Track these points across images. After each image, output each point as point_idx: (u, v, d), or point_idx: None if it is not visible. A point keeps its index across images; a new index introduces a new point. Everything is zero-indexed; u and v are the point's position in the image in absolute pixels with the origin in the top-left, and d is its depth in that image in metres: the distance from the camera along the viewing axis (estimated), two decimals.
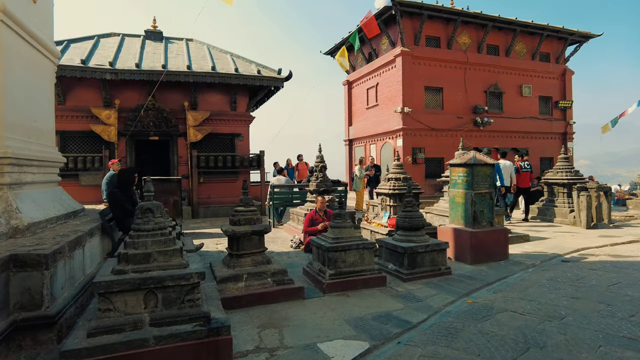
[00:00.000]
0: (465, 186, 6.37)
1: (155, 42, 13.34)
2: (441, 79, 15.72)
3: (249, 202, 4.89)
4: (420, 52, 15.23)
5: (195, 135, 12.17)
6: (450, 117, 15.84)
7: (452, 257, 6.43)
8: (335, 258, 4.90)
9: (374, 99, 17.39)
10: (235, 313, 4.17)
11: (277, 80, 12.29)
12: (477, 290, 4.92)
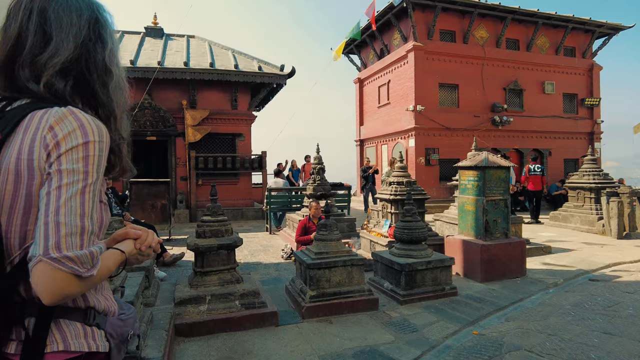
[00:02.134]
0: (476, 192, 5.56)
1: (154, 39, 12.89)
2: (456, 75, 14.80)
3: (217, 210, 4.22)
4: (434, 47, 14.36)
5: (194, 135, 11.63)
6: (467, 116, 14.90)
7: (460, 272, 5.63)
8: (318, 277, 4.19)
9: (385, 97, 16.59)
10: (192, 343, 3.51)
11: (279, 76, 11.65)
12: (486, 316, 4.13)
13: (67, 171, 0.83)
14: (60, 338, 0.88)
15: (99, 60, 1.00)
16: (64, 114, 0.87)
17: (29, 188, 0.84)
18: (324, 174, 8.00)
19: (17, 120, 0.87)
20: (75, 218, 0.82)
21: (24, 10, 0.94)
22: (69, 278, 0.80)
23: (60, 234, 0.79)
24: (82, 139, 0.86)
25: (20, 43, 0.93)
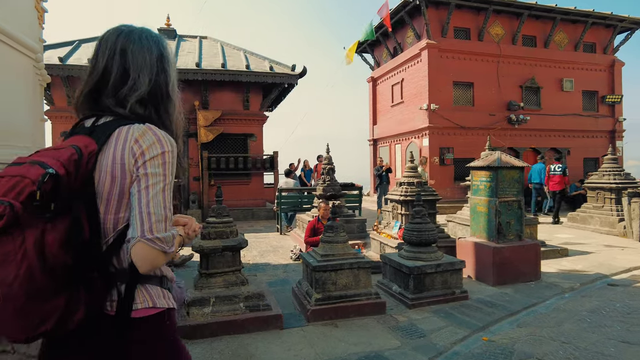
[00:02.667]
0: (489, 193, 5.41)
1: (168, 40, 12.96)
2: (471, 73, 14.53)
3: (222, 211, 4.20)
4: (448, 45, 14.13)
5: (206, 136, 11.70)
6: (482, 115, 14.62)
7: (472, 275, 5.49)
8: (324, 279, 4.12)
9: (399, 95, 16.42)
10: (195, 346, 3.49)
11: (291, 76, 11.62)
12: (497, 322, 4.00)
13: (151, 174, 1.09)
14: (149, 297, 1.15)
15: (164, 91, 1.24)
16: (144, 130, 1.13)
17: (122, 186, 1.10)
18: (334, 174, 7.93)
19: (109, 134, 1.11)
20: (160, 209, 1.09)
21: (109, 50, 1.19)
22: (158, 253, 1.08)
23: (151, 221, 1.06)
24: (160, 150, 1.11)
25: (105, 77, 1.18)
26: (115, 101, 1.18)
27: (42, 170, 0.97)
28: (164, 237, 1.07)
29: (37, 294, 0.95)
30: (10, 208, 0.91)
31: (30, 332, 0.97)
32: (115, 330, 1.10)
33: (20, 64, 5.38)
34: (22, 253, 0.93)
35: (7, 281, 0.91)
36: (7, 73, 5.01)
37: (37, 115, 6.25)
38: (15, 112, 5.23)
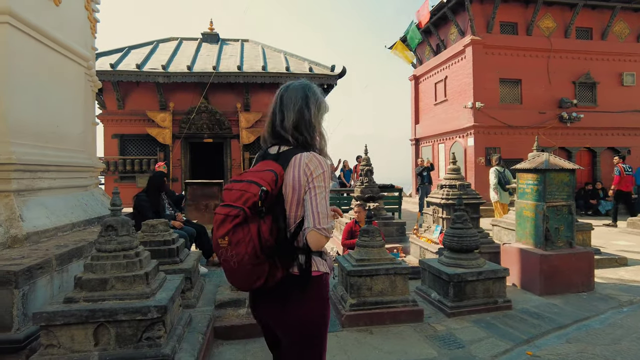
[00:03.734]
0: (536, 197, 5.12)
1: (210, 45, 13.39)
2: (519, 69, 13.87)
3: None
4: (494, 41, 13.56)
5: (248, 137, 11.93)
6: (531, 113, 13.92)
7: (517, 284, 5.21)
8: (359, 284, 4.06)
9: (442, 94, 15.98)
10: (230, 346, 3.54)
11: (330, 77, 11.61)
12: (543, 335, 3.76)
13: (317, 187, 1.59)
14: (317, 265, 1.67)
15: (309, 123, 1.72)
16: (311, 157, 1.63)
17: (299, 195, 1.61)
18: (373, 175, 7.81)
19: (289, 159, 1.63)
20: (324, 209, 1.59)
21: (275, 99, 1.77)
22: (323, 237, 1.58)
23: (320, 217, 1.57)
24: (321, 170, 1.62)
25: (274, 117, 1.74)
26: (283, 132, 1.70)
27: (258, 189, 1.51)
28: (327, 227, 1.58)
29: (256, 263, 1.51)
30: (243, 211, 1.49)
31: (251, 285, 1.57)
32: (300, 284, 1.62)
33: (73, 71, 5.72)
34: (249, 238, 1.49)
35: (241, 255, 1.50)
36: (61, 80, 5.35)
37: (89, 119, 6.63)
38: (69, 117, 5.56)
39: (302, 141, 1.69)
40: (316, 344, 1.70)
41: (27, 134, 4.51)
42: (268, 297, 1.67)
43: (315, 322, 1.67)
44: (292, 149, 1.66)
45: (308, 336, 1.67)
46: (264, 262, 1.52)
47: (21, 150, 4.31)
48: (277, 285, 1.59)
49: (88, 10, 6.44)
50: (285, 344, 1.70)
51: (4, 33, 4.20)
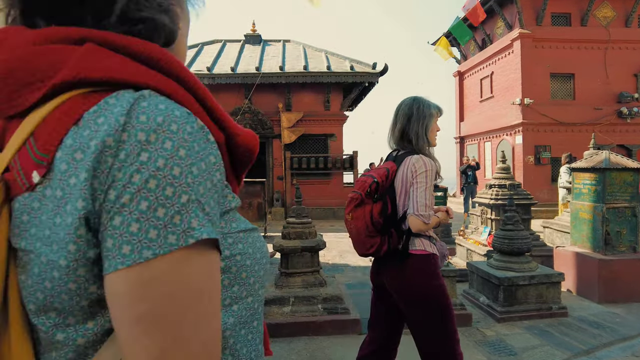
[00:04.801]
0: (594, 198, 4.80)
1: (253, 46, 13.64)
2: (572, 63, 13.12)
3: (301, 212, 4.25)
4: (544, 33, 12.90)
5: (289, 137, 12.05)
6: (585, 109, 13.13)
7: (572, 290, 4.92)
8: None
9: (488, 90, 15.43)
10: (274, 344, 3.57)
11: (371, 75, 11.49)
12: (605, 347, 3.52)
13: (419, 182, 1.96)
14: (422, 245, 2.01)
15: (420, 133, 2.09)
16: (418, 158, 2.01)
17: (406, 187, 2.01)
18: None
19: (402, 161, 2.05)
20: (422, 199, 1.94)
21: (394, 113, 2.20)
22: (422, 222, 1.93)
23: (418, 205, 1.93)
24: (424, 169, 1.98)
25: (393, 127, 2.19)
26: (398, 141, 2.16)
27: (372, 180, 2.02)
28: (424, 214, 1.92)
29: (369, 235, 2.00)
30: (360, 195, 2.01)
31: (365, 251, 2.05)
32: (403, 259, 2.00)
33: None
34: (364, 215, 2.00)
35: (358, 228, 2.02)
36: None
37: None
38: None
39: (411, 147, 2.09)
40: (426, 314, 1.99)
41: None
42: (386, 266, 2.09)
43: (420, 293, 1.99)
44: (406, 152, 2.09)
45: (413, 303, 2.01)
46: (375, 235, 1.99)
47: None
48: (390, 257, 2.02)
49: None
50: (401, 309, 2.10)
51: None
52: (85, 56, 0.47)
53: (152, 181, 0.43)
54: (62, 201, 0.44)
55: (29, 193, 0.45)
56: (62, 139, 0.45)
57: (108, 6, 0.50)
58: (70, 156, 0.44)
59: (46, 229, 0.44)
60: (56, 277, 0.44)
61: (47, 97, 0.47)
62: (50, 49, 0.48)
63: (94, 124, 0.44)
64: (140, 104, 0.45)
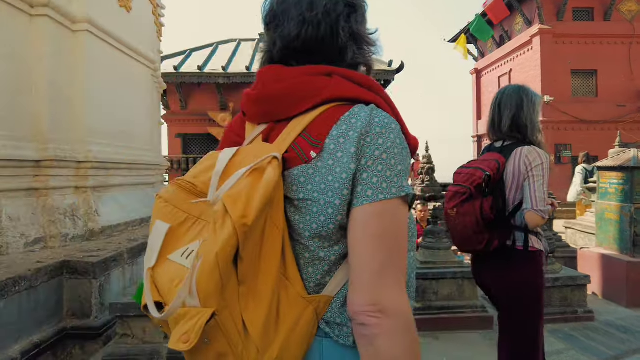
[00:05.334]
0: (621, 198, 4.63)
1: None
2: (594, 59, 12.77)
3: None
4: (565, 29, 12.59)
5: None
6: (607, 106, 12.78)
7: (598, 293, 4.75)
8: (424, 288, 3.88)
9: None
10: None
11: (387, 73, 11.35)
12: (634, 353, 3.37)
13: (535, 175, 1.90)
14: (533, 242, 1.95)
15: (523, 123, 2.02)
16: (531, 150, 1.95)
17: (518, 181, 1.94)
18: (434, 174, 7.50)
19: (511, 152, 1.97)
20: (541, 194, 1.88)
21: (492, 103, 2.14)
22: (540, 218, 1.88)
23: (537, 200, 1.86)
24: (540, 161, 1.91)
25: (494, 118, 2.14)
26: (503, 132, 2.06)
27: (483, 173, 1.90)
28: (543, 209, 1.87)
29: (477, 231, 1.92)
30: (469, 190, 1.92)
31: (473, 248, 2.00)
32: (514, 255, 1.95)
33: (141, 73, 6.02)
34: (474, 210, 1.90)
35: (467, 224, 1.94)
36: (131, 82, 5.64)
37: (155, 119, 6.95)
38: (138, 117, 5.86)
39: (521, 138, 2.02)
40: (527, 312, 1.97)
41: (101, 133, 4.79)
42: (489, 264, 2.04)
43: (526, 290, 1.96)
44: (514, 143, 2.01)
45: (518, 301, 1.96)
46: (484, 231, 1.92)
47: (97, 149, 4.58)
48: (497, 254, 1.96)
49: (155, 16, 6.75)
50: (502, 307, 2.07)
51: (84, 40, 4.49)
52: (336, 84, 0.77)
53: (384, 155, 0.71)
54: (333, 167, 0.71)
55: (305, 165, 0.72)
56: (329, 131, 0.73)
57: (341, 58, 0.82)
58: (335, 141, 0.72)
59: (322, 184, 0.71)
60: (330, 213, 0.71)
61: (310, 108, 0.75)
62: (313, 79, 0.77)
63: (348, 122, 0.73)
64: (373, 112, 0.74)
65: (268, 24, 0.85)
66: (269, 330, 0.66)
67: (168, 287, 0.65)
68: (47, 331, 3.11)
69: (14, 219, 3.61)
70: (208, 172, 0.73)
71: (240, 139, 0.84)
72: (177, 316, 0.62)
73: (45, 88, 4.04)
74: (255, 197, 0.64)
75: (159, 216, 0.72)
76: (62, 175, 4.19)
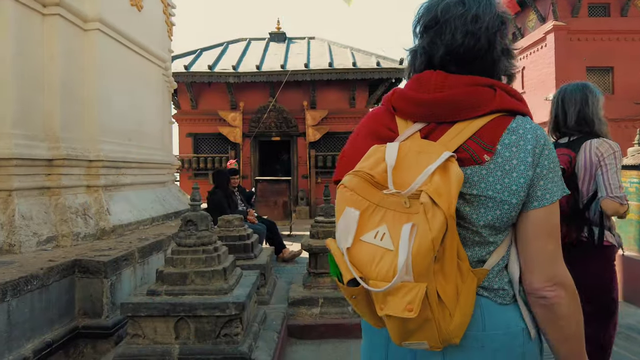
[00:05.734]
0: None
1: (278, 44, 13.59)
2: (611, 55, 12.50)
3: (330, 211, 4.13)
4: (580, 25, 12.34)
5: (314, 135, 11.95)
6: (624, 104, 12.48)
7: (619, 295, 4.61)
8: None
9: (519, 86, 14.89)
10: (303, 346, 3.47)
11: (398, 71, 11.24)
12: None
13: (608, 164, 1.93)
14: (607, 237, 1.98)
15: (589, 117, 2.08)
16: (601, 142, 2.00)
17: (591, 173, 1.97)
18: None
19: (580, 145, 2.02)
20: (615, 181, 1.90)
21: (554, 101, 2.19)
22: (618, 204, 1.89)
23: (612, 187, 1.89)
24: (612, 151, 1.96)
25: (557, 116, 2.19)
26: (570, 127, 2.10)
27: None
28: (620, 195, 1.89)
29: None
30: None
31: None
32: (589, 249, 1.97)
33: (152, 72, 6.01)
34: None
35: None
36: (142, 81, 5.63)
37: (166, 119, 6.95)
38: (149, 116, 5.85)
39: (588, 131, 2.07)
40: (603, 308, 2.00)
41: (113, 132, 4.79)
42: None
43: (601, 285, 1.99)
44: (582, 137, 2.06)
45: (595, 297, 1.95)
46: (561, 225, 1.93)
47: (108, 147, 4.58)
48: (571, 248, 1.92)
49: (166, 15, 6.76)
50: None
51: (95, 39, 4.49)
52: (501, 97, 0.88)
53: (552, 164, 0.87)
54: (510, 171, 0.84)
55: (478, 165, 0.85)
56: (499, 139, 0.86)
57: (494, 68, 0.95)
58: (509, 149, 0.85)
59: (497, 185, 0.85)
60: (505, 209, 0.85)
61: (478, 116, 0.87)
62: (479, 90, 0.88)
63: (517, 133, 0.86)
64: (533, 125, 0.88)
65: (427, 27, 0.94)
66: (455, 298, 0.81)
67: (369, 265, 0.79)
68: (59, 330, 3.11)
69: (27, 218, 3.61)
70: (379, 164, 0.85)
71: (392, 133, 0.94)
72: (392, 290, 0.75)
73: (58, 87, 4.05)
74: (452, 191, 0.76)
75: (347, 203, 0.84)
76: (74, 174, 4.19)
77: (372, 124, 1.00)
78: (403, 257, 0.73)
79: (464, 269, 0.85)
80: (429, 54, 0.94)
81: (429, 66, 0.95)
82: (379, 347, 0.97)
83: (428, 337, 0.80)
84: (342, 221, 0.84)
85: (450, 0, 0.91)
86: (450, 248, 0.80)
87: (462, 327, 0.83)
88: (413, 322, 0.78)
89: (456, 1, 0.91)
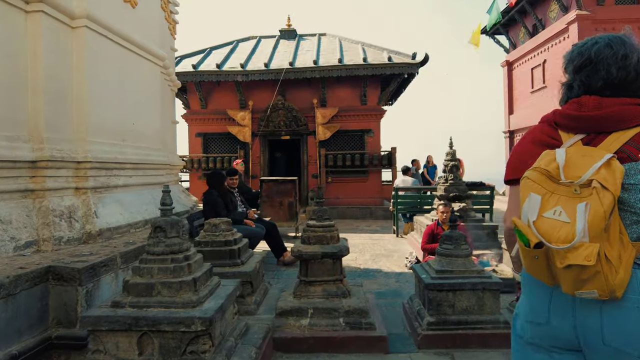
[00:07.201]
0: None
1: (288, 41, 13.36)
2: None
3: (323, 214, 3.85)
4: (606, 14, 11.65)
5: (324, 133, 11.67)
6: None
7: None
8: (439, 300, 3.47)
9: (540, 80, 14.26)
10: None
11: (411, 66, 10.84)
12: None
13: None
14: None
15: None
16: None
17: None
18: (458, 172, 7.01)
19: None
20: None
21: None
22: None
23: None
24: None
25: None
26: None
27: None
28: None
29: None
30: None
31: None
32: None
33: (148, 70, 5.82)
34: None
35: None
36: (137, 79, 5.44)
37: (168, 118, 6.78)
38: (145, 115, 5.67)
39: None
40: None
41: (105, 132, 4.64)
42: None
43: None
44: None
45: None
46: None
47: (98, 148, 4.42)
48: None
49: (165, 12, 6.59)
50: None
51: (84, 37, 4.34)
52: None
53: None
54: None
55: (634, 162, 1.10)
56: None
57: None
58: None
59: None
60: None
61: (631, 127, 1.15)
62: (631, 108, 1.17)
63: None
64: None
65: (582, 66, 1.28)
66: (618, 259, 1.05)
67: (551, 232, 1.06)
68: (28, 341, 2.94)
69: (5, 222, 3.47)
70: (551, 163, 1.12)
71: (554, 141, 1.24)
72: (572, 249, 1.03)
73: (42, 86, 3.90)
74: (617, 180, 1.04)
75: (531, 190, 1.12)
76: (61, 175, 4.04)
77: (537, 135, 1.33)
78: (581, 225, 1.02)
79: (625, 241, 1.07)
80: (586, 85, 1.26)
81: (586, 93, 1.25)
82: (543, 299, 1.22)
83: (598, 286, 1.04)
84: (527, 203, 1.12)
85: (600, 45, 1.25)
86: (614, 224, 1.06)
87: (624, 282, 1.05)
88: (587, 273, 1.03)
89: (605, 45, 1.24)
